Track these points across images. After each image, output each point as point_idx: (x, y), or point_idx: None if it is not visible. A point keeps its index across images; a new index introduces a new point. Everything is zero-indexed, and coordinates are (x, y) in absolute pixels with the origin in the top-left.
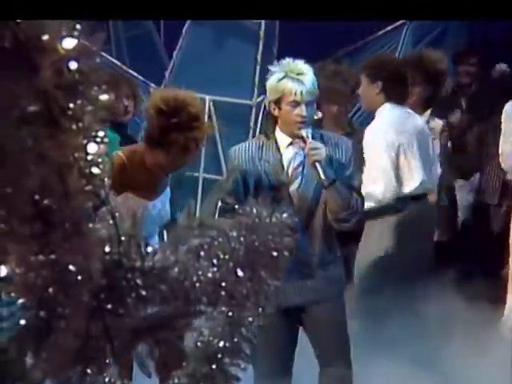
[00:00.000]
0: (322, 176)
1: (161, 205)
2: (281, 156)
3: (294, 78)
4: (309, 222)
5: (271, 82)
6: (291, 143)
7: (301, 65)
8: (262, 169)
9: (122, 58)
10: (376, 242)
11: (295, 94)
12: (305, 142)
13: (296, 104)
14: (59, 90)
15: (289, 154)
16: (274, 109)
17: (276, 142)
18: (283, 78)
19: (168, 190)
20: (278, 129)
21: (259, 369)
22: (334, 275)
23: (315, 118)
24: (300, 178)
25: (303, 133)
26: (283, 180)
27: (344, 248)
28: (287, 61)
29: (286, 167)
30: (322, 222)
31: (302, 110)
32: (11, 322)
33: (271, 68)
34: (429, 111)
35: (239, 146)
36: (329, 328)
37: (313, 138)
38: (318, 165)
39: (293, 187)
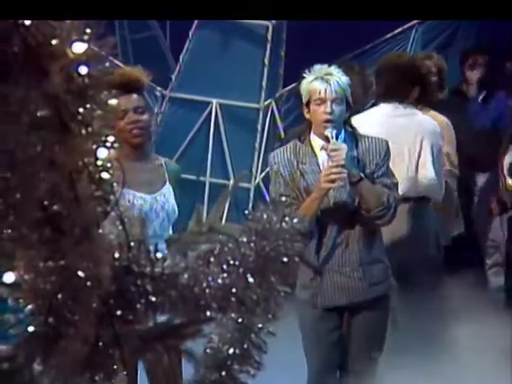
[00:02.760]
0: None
1: (164, 198)
2: (317, 158)
3: (320, 78)
4: (346, 221)
5: (302, 85)
6: (323, 147)
7: (330, 68)
8: (300, 171)
9: (127, 61)
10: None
11: (319, 92)
12: (329, 142)
13: (321, 102)
14: (69, 94)
15: (324, 156)
16: (307, 112)
17: (311, 145)
18: (312, 80)
19: (168, 185)
20: (312, 132)
21: (311, 368)
22: (376, 275)
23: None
24: None
25: (328, 133)
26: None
27: None
28: (318, 66)
29: (322, 169)
30: (359, 221)
31: (327, 107)
32: (19, 329)
33: (303, 74)
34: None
35: (277, 151)
36: (365, 333)
37: (345, 138)
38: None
39: None
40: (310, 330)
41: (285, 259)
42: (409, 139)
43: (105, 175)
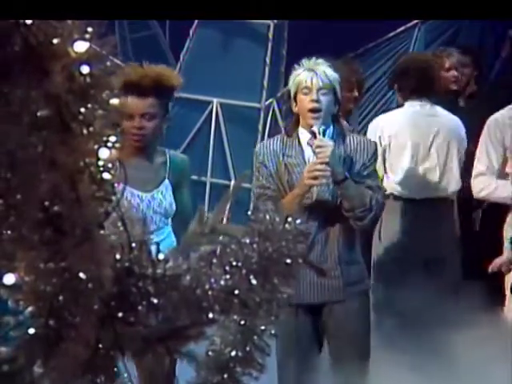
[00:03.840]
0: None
1: (161, 195)
2: (303, 152)
3: (307, 69)
4: (328, 219)
5: (291, 79)
6: (309, 142)
7: (317, 60)
8: (285, 163)
9: (127, 60)
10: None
11: (306, 81)
12: (316, 138)
13: (308, 91)
14: (70, 94)
15: (309, 150)
16: (295, 105)
17: (298, 139)
18: (300, 73)
19: (167, 182)
20: (300, 126)
21: (282, 368)
22: (354, 275)
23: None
24: None
25: (315, 129)
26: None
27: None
28: (305, 59)
29: (308, 163)
30: (341, 220)
31: (313, 94)
32: (18, 331)
33: (294, 71)
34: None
35: (264, 142)
36: (346, 330)
37: (333, 135)
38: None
39: None
40: (285, 326)
41: (288, 260)
42: (437, 141)
43: (106, 175)
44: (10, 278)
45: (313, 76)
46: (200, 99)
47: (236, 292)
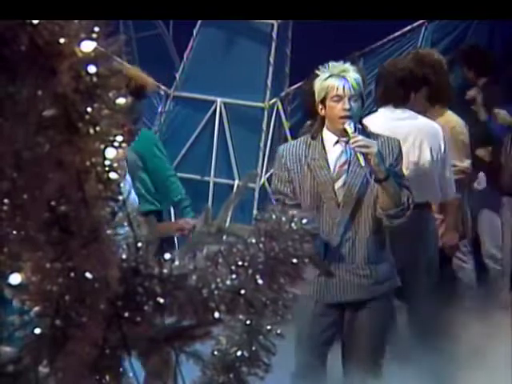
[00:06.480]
0: (376, 167)
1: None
2: (326, 154)
3: (336, 75)
4: (356, 219)
5: (317, 83)
6: (337, 141)
7: (345, 65)
8: (308, 166)
9: (132, 59)
10: None
11: (337, 88)
12: (347, 134)
13: (339, 98)
14: (77, 93)
15: (335, 152)
16: (321, 109)
17: (322, 141)
18: (328, 77)
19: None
20: (325, 128)
21: (298, 357)
22: (380, 274)
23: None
24: (345, 175)
25: (346, 126)
26: (328, 177)
27: None
28: (332, 63)
29: (332, 165)
30: (369, 219)
31: (345, 104)
32: (23, 331)
33: (317, 72)
34: None
35: (287, 144)
36: (366, 330)
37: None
38: (371, 158)
39: (338, 184)
40: (308, 324)
41: (294, 260)
42: (408, 143)
43: (113, 175)
44: (16, 278)
45: (344, 84)
46: (203, 99)
47: (242, 292)
